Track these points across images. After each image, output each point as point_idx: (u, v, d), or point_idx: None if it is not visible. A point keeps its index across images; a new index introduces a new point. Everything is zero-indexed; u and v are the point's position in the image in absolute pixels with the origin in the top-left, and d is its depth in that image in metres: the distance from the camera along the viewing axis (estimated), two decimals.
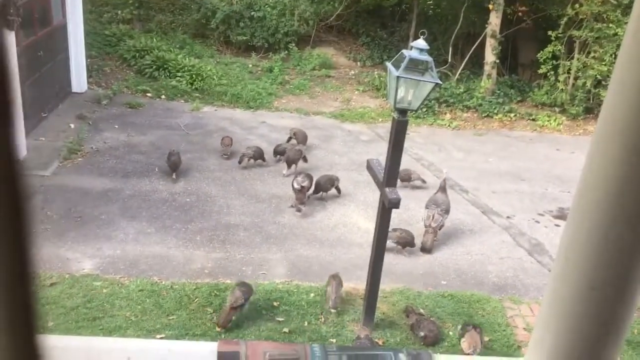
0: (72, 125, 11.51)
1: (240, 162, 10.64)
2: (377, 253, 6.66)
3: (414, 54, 5.97)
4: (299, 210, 9.34)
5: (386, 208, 6.34)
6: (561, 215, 10.22)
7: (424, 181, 10.62)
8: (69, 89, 12.85)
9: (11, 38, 9.06)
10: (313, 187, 9.66)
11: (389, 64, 6.17)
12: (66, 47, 12.63)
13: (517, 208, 10.47)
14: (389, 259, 7.57)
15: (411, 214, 9.58)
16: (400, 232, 8.58)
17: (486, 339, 6.93)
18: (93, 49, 14.32)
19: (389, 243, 8.39)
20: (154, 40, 15.03)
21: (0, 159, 0.54)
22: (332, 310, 7.28)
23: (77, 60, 12.87)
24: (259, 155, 10.68)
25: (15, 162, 0.54)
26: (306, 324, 7.03)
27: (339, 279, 7.39)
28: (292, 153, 10.56)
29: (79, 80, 13.00)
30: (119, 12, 16.77)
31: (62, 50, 12.52)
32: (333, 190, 9.96)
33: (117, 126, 11.84)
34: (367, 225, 8.94)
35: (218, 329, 6.74)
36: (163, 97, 13.53)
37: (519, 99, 15.64)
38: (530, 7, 16.39)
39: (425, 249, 8.78)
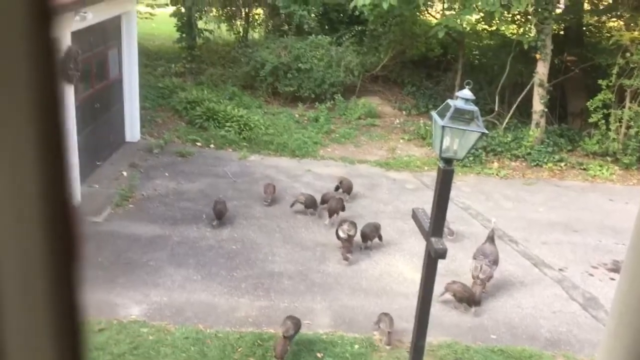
0: (125, 173, 11.88)
1: (291, 206, 10.86)
2: (424, 305, 6.50)
3: (459, 103, 5.96)
4: (346, 259, 9.28)
5: (432, 258, 6.23)
6: (616, 268, 9.81)
7: (452, 233, 10.14)
8: (123, 139, 13.34)
9: (70, 91, 9.54)
10: (360, 237, 9.62)
11: (434, 114, 6.17)
12: (121, 99, 13.19)
13: (570, 260, 10.11)
14: (435, 310, 7.38)
15: (458, 264, 9.38)
16: (459, 285, 8.38)
17: None
18: (147, 100, 14.89)
19: (446, 295, 8.24)
20: (205, 92, 15.51)
21: (57, 206, 0.56)
22: (387, 347, 7.21)
23: (131, 112, 13.40)
24: (310, 203, 10.75)
25: (72, 208, 0.56)
26: None
27: (391, 317, 7.38)
28: (333, 202, 10.57)
29: (132, 130, 13.50)
30: (172, 66, 17.50)
31: (117, 102, 13.07)
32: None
33: (167, 174, 12.15)
34: (413, 275, 8.79)
35: None
36: (212, 146, 13.87)
37: (569, 148, 15.33)
38: (578, 56, 16.26)
39: (474, 301, 8.54)
